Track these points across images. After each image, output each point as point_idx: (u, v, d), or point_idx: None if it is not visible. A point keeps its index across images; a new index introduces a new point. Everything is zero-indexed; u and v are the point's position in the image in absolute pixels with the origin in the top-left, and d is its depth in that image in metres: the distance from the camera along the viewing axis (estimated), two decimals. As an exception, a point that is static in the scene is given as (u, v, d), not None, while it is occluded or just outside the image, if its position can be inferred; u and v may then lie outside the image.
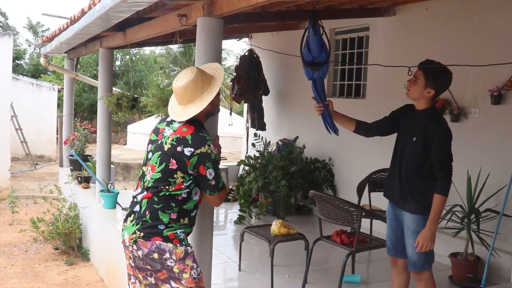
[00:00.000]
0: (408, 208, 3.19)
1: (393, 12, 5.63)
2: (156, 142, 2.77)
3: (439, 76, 3.11)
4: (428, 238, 3.04)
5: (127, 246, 2.71)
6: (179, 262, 2.61)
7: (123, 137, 20.72)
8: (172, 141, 2.66)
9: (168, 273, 2.62)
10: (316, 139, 6.77)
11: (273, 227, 4.24)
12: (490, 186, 4.47)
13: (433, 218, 3.05)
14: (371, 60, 5.97)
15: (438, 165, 3.05)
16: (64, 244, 6.83)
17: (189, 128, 2.68)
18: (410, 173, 3.17)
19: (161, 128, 2.82)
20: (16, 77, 15.61)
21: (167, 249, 2.60)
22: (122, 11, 3.71)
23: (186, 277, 2.62)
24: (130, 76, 22.44)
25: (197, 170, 2.65)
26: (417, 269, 3.20)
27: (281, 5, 4.83)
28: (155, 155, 2.71)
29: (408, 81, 3.19)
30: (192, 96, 2.70)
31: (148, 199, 2.68)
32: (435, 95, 3.14)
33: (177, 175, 2.63)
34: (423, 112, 3.18)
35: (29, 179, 13.06)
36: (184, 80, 2.70)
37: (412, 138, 3.17)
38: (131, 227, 2.68)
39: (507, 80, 4.46)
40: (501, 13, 4.56)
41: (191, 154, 2.61)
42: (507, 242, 4.46)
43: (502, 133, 4.57)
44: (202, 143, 2.63)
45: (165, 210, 2.64)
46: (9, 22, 26.10)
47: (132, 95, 6.12)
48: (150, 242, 2.61)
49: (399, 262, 3.39)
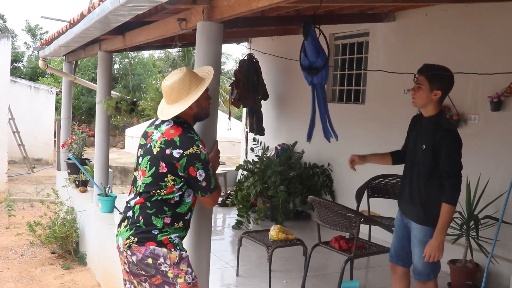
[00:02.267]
0: (416, 218, 3.14)
1: (393, 18, 5.63)
2: (145, 146, 2.75)
3: (441, 77, 3.05)
4: (436, 249, 3.00)
5: (122, 252, 2.70)
6: (174, 267, 2.60)
7: (121, 141, 20.69)
8: (160, 144, 2.64)
9: (162, 278, 2.60)
10: (315, 144, 6.75)
11: (271, 233, 4.22)
12: (489, 192, 4.45)
13: (440, 228, 2.99)
14: (371, 65, 5.97)
15: (445, 173, 2.98)
16: (61, 248, 6.79)
17: (177, 130, 2.66)
18: (420, 182, 3.12)
19: (149, 132, 2.80)
20: (14, 79, 15.58)
21: (161, 253, 2.58)
22: (121, 15, 3.70)
23: (180, 282, 2.60)
24: (128, 80, 22.43)
25: (187, 172, 2.62)
26: (422, 278, 3.16)
27: (281, 9, 4.83)
28: (144, 160, 2.70)
29: (412, 89, 3.12)
30: (178, 96, 2.69)
31: (141, 205, 2.66)
32: (442, 96, 3.07)
33: (168, 178, 2.61)
34: (431, 118, 3.10)
35: (26, 183, 13.01)
36: (172, 79, 2.70)
37: (421, 146, 3.11)
38: (125, 232, 2.67)
39: (507, 87, 4.45)
40: (501, 20, 4.56)
41: (180, 155, 2.58)
42: (506, 249, 4.44)
43: (501, 139, 4.56)
44: (191, 144, 2.60)
45: (158, 215, 2.62)
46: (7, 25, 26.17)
47: (131, 98, 6.12)
48: (144, 247, 2.59)
49: (398, 270, 3.37)
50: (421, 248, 3.08)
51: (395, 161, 3.52)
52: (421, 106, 3.14)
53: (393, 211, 4.92)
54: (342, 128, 6.55)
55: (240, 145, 8.98)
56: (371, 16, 5.57)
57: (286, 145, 7.30)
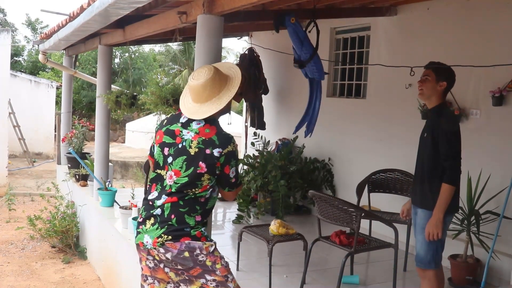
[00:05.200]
0: (421, 204, 3.29)
1: (395, 12, 5.60)
2: (175, 145, 2.71)
3: (446, 70, 3.30)
4: (434, 226, 3.13)
5: (149, 249, 2.70)
6: (210, 255, 2.67)
7: (121, 135, 20.69)
8: (198, 145, 2.65)
9: (201, 268, 2.66)
10: (315, 139, 6.74)
11: (271, 227, 4.22)
12: (490, 188, 4.44)
13: (438, 206, 3.13)
14: (372, 60, 5.94)
15: (444, 155, 3.15)
16: (61, 242, 6.80)
17: (211, 129, 2.69)
18: (426, 171, 3.28)
19: (176, 130, 2.75)
20: (14, 73, 15.56)
21: (196, 245, 2.64)
22: (121, 8, 3.69)
23: (219, 268, 2.70)
24: (129, 74, 22.41)
25: (222, 170, 2.68)
26: (423, 265, 3.27)
27: (281, 3, 4.82)
28: (178, 160, 2.67)
29: (419, 81, 3.32)
30: (210, 94, 2.71)
31: (172, 203, 2.67)
32: (447, 88, 3.28)
33: (204, 177, 2.65)
34: (434, 109, 3.32)
35: (26, 177, 13.02)
36: (203, 78, 2.70)
37: (424, 134, 3.33)
38: (155, 230, 2.66)
39: (508, 81, 4.43)
40: (503, 14, 4.54)
41: (220, 154, 2.63)
42: (507, 245, 4.44)
43: (503, 134, 4.55)
44: (228, 142, 2.67)
45: (191, 214, 2.66)
46: (7, 19, 26.14)
47: (131, 93, 6.11)
48: (179, 242, 2.63)
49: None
50: (423, 235, 3.20)
51: None
52: (427, 97, 3.32)
53: (393, 206, 4.93)
54: (342, 122, 6.56)
55: (240, 139, 8.98)
56: (373, 10, 5.54)
57: (287, 140, 7.29)
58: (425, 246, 3.22)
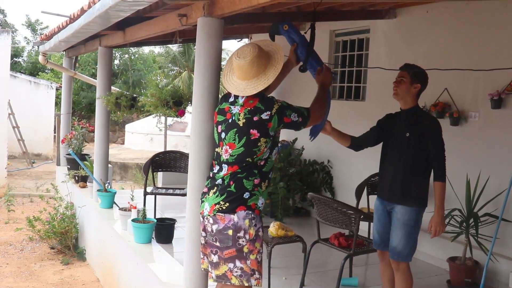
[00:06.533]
0: (402, 201, 3.38)
1: (394, 15, 5.62)
2: (226, 121, 2.85)
3: (420, 73, 3.42)
4: (439, 223, 3.32)
5: (205, 217, 2.82)
6: (250, 243, 2.73)
7: (121, 136, 20.70)
8: (245, 115, 2.76)
9: (237, 251, 2.72)
10: (315, 141, 6.74)
11: (270, 229, 4.22)
12: (489, 190, 4.45)
13: (439, 204, 3.31)
14: (371, 62, 5.96)
15: (435, 154, 3.32)
16: (60, 244, 6.79)
17: (254, 99, 2.80)
18: (408, 168, 3.39)
19: (225, 107, 2.90)
20: (14, 74, 15.56)
21: (242, 227, 2.71)
22: (122, 10, 3.70)
23: (252, 259, 2.74)
24: (128, 75, 22.42)
25: (283, 122, 2.80)
26: (400, 258, 3.40)
27: (282, 6, 4.81)
28: (230, 133, 2.80)
29: (395, 82, 3.45)
30: (257, 71, 2.81)
31: (232, 172, 2.79)
32: (420, 90, 3.41)
33: (261, 142, 2.76)
34: (411, 110, 3.44)
35: (25, 178, 13.01)
36: (250, 55, 2.80)
37: (405, 134, 3.40)
38: (215, 198, 2.79)
39: (507, 84, 4.44)
40: (502, 17, 4.55)
41: (270, 116, 2.74)
42: (505, 247, 4.45)
43: (501, 137, 4.56)
44: (272, 103, 2.78)
45: (249, 177, 2.77)
46: (7, 19, 26.14)
47: (131, 94, 6.11)
48: (228, 216, 2.71)
49: (387, 255, 3.56)
50: (404, 230, 3.36)
51: (352, 146, 3.75)
52: (401, 98, 3.45)
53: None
54: (342, 125, 6.53)
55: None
56: (372, 13, 5.55)
57: (286, 142, 7.30)
58: (404, 241, 3.36)
